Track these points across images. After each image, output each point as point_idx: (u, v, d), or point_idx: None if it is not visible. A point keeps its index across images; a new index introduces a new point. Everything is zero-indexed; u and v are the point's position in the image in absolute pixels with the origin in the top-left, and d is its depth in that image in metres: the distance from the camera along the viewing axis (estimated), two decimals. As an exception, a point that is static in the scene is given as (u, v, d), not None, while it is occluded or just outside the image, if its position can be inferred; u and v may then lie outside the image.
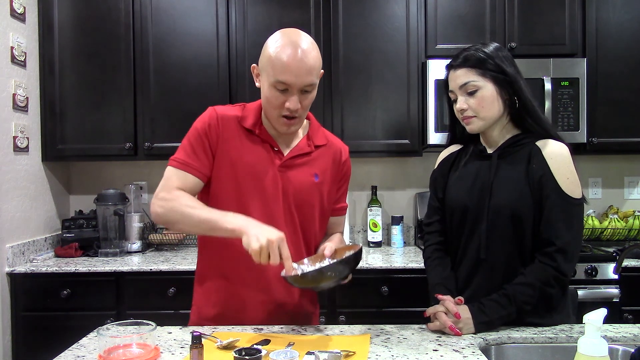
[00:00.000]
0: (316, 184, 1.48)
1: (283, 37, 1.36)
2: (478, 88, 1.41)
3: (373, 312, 2.40)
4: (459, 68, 1.43)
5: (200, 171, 1.42)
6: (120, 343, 1.17)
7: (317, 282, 1.26)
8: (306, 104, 1.39)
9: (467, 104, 1.42)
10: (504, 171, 1.43)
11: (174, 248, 2.93)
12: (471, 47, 1.45)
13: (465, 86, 1.42)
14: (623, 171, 3.07)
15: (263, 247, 1.20)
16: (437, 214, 1.58)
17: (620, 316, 2.37)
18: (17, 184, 2.53)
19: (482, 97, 1.41)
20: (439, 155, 1.65)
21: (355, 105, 2.71)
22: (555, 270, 1.34)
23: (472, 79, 1.41)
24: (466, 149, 1.56)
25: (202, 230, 1.37)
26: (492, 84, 1.41)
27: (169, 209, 1.36)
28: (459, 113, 1.46)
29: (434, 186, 1.61)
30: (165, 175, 1.43)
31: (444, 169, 1.59)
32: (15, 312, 2.41)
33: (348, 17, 2.70)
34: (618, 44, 2.68)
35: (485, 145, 1.51)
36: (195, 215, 1.33)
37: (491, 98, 1.41)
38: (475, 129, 1.45)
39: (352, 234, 3.03)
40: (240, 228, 1.25)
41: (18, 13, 2.54)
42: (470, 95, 1.42)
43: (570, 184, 1.37)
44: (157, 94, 2.70)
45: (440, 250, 1.56)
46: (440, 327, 1.36)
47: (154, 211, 1.39)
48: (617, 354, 1.28)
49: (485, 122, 1.43)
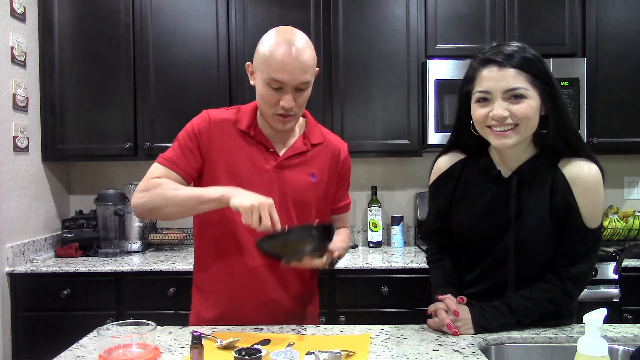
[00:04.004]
0: (313, 184, 1.47)
1: (277, 35, 1.36)
2: (527, 97, 1.21)
3: (373, 312, 2.40)
4: (507, 67, 1.21)
5: (186, 171, 1.42)
6: (120, 343, 1.17)
7: (287, 247, 1.26)
8: (301, 101, 1.39)
9: (509, 110, 1.21)
10: (526, 202, 1.28)
11: (174, 248, 2.93)
12: (511, 45, 1.24)
13: (513, 91, 1.21)
14: (623, 171, 3.07)
15: (254, 205, 1.20)
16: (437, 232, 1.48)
17: (620, 316, 2.37)
18: (17, 184, 2.53)
19: (529, 106, 1.21)
20: (435, 164, 1.46)
21: (355, 105, 2.71)
22: (563, 293, 1.32)
23: (522, 84, 1.20)
24: (473, 161, 1.38)
25: (189, 208, 1.35)
26: (539, 96, 1.22)
27: (152, 196, 1.36)
28: (494, 120, 1.23)
29: (436, 202, 1.44)
30: (149, 170, 1.43)
31: (447, 185, 1.41)
32: (15, 312, 2.41)
33: (348, 17, 2.70)
34: (618, 44, 2.69)
35: (496, 163, 1.34)
36: (180, 194, 1.33)
37: (536, 110, 1.22)
38: (511, 143, 1.23)
39: (352, 234, 3.03)
40: (228, 193, 1.26)
41: (18, 13, 2.54)
42: (516, 102, 1.21)
43: (595, 213, 1.27)
44: (157, 94, 2.70)
45: (441, 252, 1.52)
46: (439, 324, 1.35)
47: (135, 204, 1.39)
48: (617, 354, 1.28)
49: (521, 137, 1.24)
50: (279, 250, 1.28)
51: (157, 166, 1.43)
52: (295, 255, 1.30)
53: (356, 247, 2.94)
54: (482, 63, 1.25)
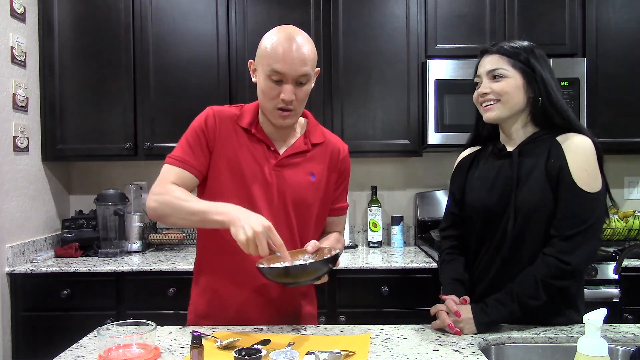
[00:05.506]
0: (313, 183, 1.47)
1: (278, 32, 1.38)
2: (505, 76, 1.40)
3: (373, 312, 2.40)
4: (490, 54, 1.43)
5: (197, 168, 1.43)
6: (120, 343, 1.18)
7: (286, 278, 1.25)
8: (301, 96, 1.39)
9: (490, 87, 1.41)
10: (525, 168, 1.39)
11: (174, 248, 2.93)
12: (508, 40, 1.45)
13: (493, 72, 1.41)
14: (623, 171, 3.07)
15: (250, 238, 1.20)
16: (453, 220, 1.57)
17: (620, 316, 2.37)
18: (17, 184, 2.53)
19: (508, 83, 1.39)
20: (457, 157, 1.63)
21: (355, 105, 2.71)
22: (557, 259, 1.30)
23: (501, 65, 1.40)
24: (485, 149, 1.53)
25: (193, 223, 1.37)
26: (521, 77, 1.39)
27: (162, 203, 1.37)
28: (480, 97, 1.44)
29: (452, 188, 1.58)
30: (162, 172, 1.44)
31: (462, 170, 1.56)
32: (15, 312, 2.41)
33: (348, 17, 2.70)
34: (618, 44, 2.68)
35: (504, 144, 1.47)
36: (186, 207, 1.33)
37: (516, 87, 1.39)
38: (494, 116, 1.42)
39: (352, 234, 3.03)
40: (229, 220, 1.25)
41: (18, 13, 2.54)
42: (496, 80, 1.41)
43: (587, 178, 1.32)
44: (157, 94, 2.70)
45: (454, 253, 1.56)
46: (441, 325, 1.37)
47: (148, 206, 1.40)
48: (617, 354, 1.28)
49: (505, 110, 1.41)
50: (280, 278, 1.28)
51: (170, 168, 1.43)
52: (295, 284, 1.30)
53: (356, 247, 2.94)
54: (479, 56, 1.48)
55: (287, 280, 1.27)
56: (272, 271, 1.25)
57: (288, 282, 1.29)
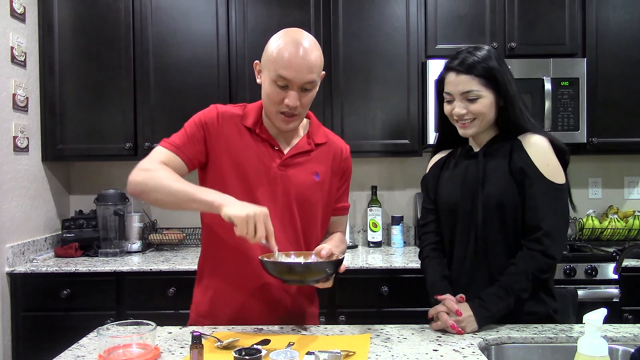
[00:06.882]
0: (317, 183, 1.48)
1: (286, 36, 1.37)
2: (480, 97, 1.44)
3: (373, 312, 2.40)
4: (462, 74, 1.45)
5: (188, 157, 1.42)
6: (120, 343, 1.17)
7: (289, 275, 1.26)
8: (305, 102, 1.39)
9: (466, 109, 1.46)
10: (490, 166, 1.48)
11: (174, 248, 2.93)
12: (471, 52, 1.47)
13: (468, 94, 1.45)
14: (623, 171, 3.07)
15: (250, 215, 1.19)
16: (432, 215, 1.62)
17: (620, 316, 2.37)
18: (17, 184, 2.53)
19: (483, 104, 1.45)
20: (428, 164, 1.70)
21: (355, 105, 2.71)
22: (543, 255, 1.38)
23: (475, 88, 1.44)
24: (455, 151, 1.61)
25: (178, 201, 1.33)
26: (491, 94, 1.45)
27: (148, 177, 1.35)
28: (455, 116, 1.49)
29: (426, 188, 1.66)
30: (153, 152, 1.43)
31: (434, 171, 1.64)
32: (15, 312, 2.41)
33: (348, 17, 2.70)
34: (618, 44, 2.68)
35: (472, 145, 1.56)
36: (174, 185, 1.32)
37: (490, 105, 1.46)
38: (471, 133, 1.50)
39: (352, 234, 3.03)
40: (220, 201, 1.25)
41: (18, 13, 2.54)
42: (471, 102, 1.45)
43: (551, 170, 1.41)
44: (157, 94, 2.70)
45: (437, 250, 1.59)
46: (442, 326, 1.37)
47: (132, 180, 1.37)
48: (617, 354, 1.28)
49: (482, 126, 1.48)
50: (283, 275, 1.28)
51: (161, 149, 1.42)
52: (299, 282, 1.31)
53: (356, 247, 2.94)
54: (446, 69, 1.51)
55: (289, 278, 1.27)
56: (276, 266, 1.25)
57: (289, 280, 1.29)
